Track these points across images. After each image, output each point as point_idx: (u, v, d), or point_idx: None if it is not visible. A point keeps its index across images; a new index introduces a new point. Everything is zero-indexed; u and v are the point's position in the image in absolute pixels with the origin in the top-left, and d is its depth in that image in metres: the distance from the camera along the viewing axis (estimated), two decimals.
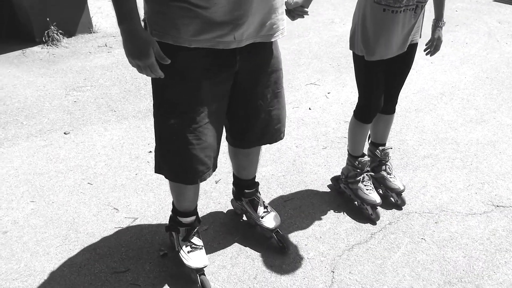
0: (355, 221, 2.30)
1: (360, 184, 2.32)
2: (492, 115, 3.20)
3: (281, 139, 1.93)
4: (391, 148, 2.45)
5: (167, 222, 2.26)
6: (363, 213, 2.35)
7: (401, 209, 2.39)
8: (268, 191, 2.48)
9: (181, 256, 1.92)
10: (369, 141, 2.46)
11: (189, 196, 1.89)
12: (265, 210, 2.13)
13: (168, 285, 1.94)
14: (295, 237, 2.20)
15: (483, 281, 2.00)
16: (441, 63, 3.98)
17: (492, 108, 3.29)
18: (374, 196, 2.30)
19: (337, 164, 2.70)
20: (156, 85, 1.60)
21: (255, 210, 2.13)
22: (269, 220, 2.12)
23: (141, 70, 1.47)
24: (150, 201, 2.39)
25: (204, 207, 2.36)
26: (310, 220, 2.31)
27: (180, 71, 1.55)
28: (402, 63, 2.16)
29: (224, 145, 1.92)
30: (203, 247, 1.96)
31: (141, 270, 2.00)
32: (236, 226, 2.25)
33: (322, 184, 2.55)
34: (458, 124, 3.11)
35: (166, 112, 1.62)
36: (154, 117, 1.68)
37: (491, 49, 4.19)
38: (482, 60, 3.99)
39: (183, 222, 1.94)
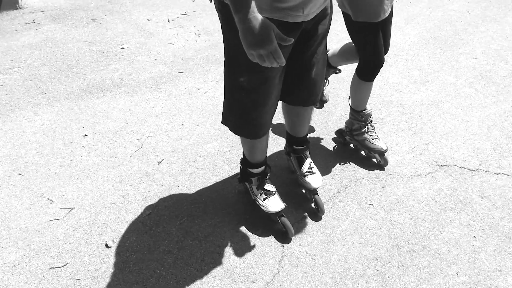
0: (302, 194, 2.26)
1: (365, 135, 2.42)
2: (436, 75, 3.22)
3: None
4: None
5: (108, 212, 2.16)
6: (370, 161, 2.45)
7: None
8: (214, 168, 2.39)
9: (259, 204, 2.05)
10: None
11: (262, 147, 2.00)
12: (309, 170, 2.16)
13: (110, 277, 1.85)
14: (243, 214, 2.14)
15: (429, 241, 2.02)
16: None
17: (436, 67, 3.30)
18: (380, 144, 2.41)
19: (284, 133, 2.63)
20: (228, 45, 1.65)
21: (300, 167, 2.18)
22: (310, 181, 2.14)
23: (263, 60, 1.41)
24: (87, 188, 2.25)
25: (146, 190, 2.25)
26: None
27: None
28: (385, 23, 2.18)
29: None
30: (276, 192, 2.08)
31: (80, 264, 1.89)
32: (181, 208, 2.16)
33: (269, 158, 2.49)
34: (403, 86, 3.11)
35: (236, 70, 1.68)
36: (224, 74, 1.75)
37: (434, 7, 4.19)
38: (426, 19, 3.98)
39: (255, 173, 2.04)
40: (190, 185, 2.29)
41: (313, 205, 2.18)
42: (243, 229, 2.07)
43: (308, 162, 2.19)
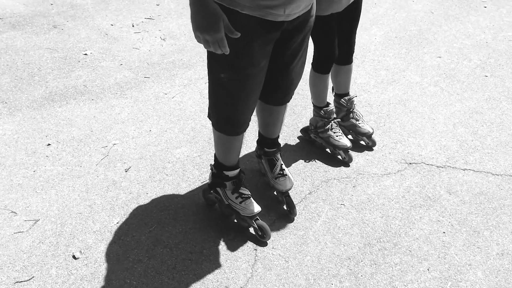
0: (274, 196, 2.25)
1: (329, 132, 2.44)
2: (402, 74, 3.27)
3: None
4: (356, 96, 2.61)
5: (74, 223, 2.10)
6: (336, 158, 2.47)
7: (372, 150, 2.54)
8: (184, 173, 2.35)
9: (235, 208, 2.01)
10: (333, 93, 2.58)
11: (237, 148, 1.98)
12: (281, 172, 2.16)
13: None
14: (214, 219, 2.11)
15: (400, 238, 2.04)
16: None
17: (402, 67, 3.35)
18: (344, 141, 2.43)
19: (255, 137, 2.62)
20: None
21: (271, 170, 2.18)
22: (282, 183, 2.14)
23: (208, 45, 1.46)
24: (52, 199, 2.17)
25: (114, 199, 2.19)
26: None
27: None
28: (352, 13, 2.28)
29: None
30: (251, 196, 2.04)
31: (47, 276, 1.82)
32: (151, 215, 2.11)
33: (240, 161, 2.46)
34: (371, 86, 3.14)
35: (218, 66, 1.69)
36: (207, 69, 1.76)
37: (398, 8, 4.27)
38: (391, 20, 4.05)
39: (230, 176, 2.00)
40: (159, 192, 2.24)
41: (285, 207, 2.16)
42: (215, 234, 2.04)
43: (279, 165, 2.19)
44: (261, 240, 2.02)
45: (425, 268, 1.92)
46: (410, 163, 2.46)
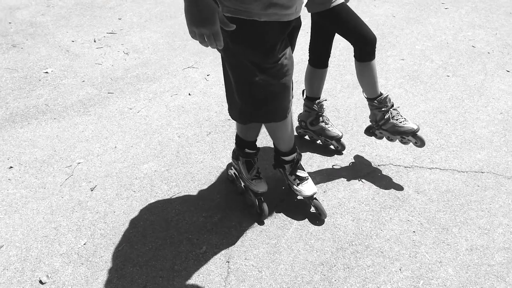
0: (246, 208, 2.23)
1: (321, 124, 2.56)
2: None
3: None
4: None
5: (40, 246, 2.03)
6: (328, 149, 2.59)
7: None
8: (152, 189, 2.31)
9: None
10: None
11: (290, 128, 2.05)
12: (257, 175, 2.20)
13: None
14: (185, 233, 2.08)
15: (372, 240, 2.05)
16: None
17: None
18: (336, 131, 2.55)
19: (223, 148, 2.60)
20: (230, 54, 1.70)
21: (248, 171, 2.21)
22: (258, 184, 2.17)
23: (203, 40, 1.45)
24: (16, 223, 2.10)
25: (80, 219, 2.13)
26: (200, 212, 2.19)
27: (253, 39, 1.64)
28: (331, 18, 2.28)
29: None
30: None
31: None
32: (119, 234, 2.06)
33: (209, 173, 2.44)
34: (337, 91, 3.17)
35: (251, 71, 1.69)
36: (236, 82, 1.76)
37: (361, 13, 4.33)
38: None
39: (287, 160, 2.15)
40: (127, 209, 2.19)
41: (258, 210, 2.16)
42: (185, 248, 2.00)
43: (256, 167, 2.21)
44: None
45: (397, 268, 1.93)
46: (378, 165, 2.48)
